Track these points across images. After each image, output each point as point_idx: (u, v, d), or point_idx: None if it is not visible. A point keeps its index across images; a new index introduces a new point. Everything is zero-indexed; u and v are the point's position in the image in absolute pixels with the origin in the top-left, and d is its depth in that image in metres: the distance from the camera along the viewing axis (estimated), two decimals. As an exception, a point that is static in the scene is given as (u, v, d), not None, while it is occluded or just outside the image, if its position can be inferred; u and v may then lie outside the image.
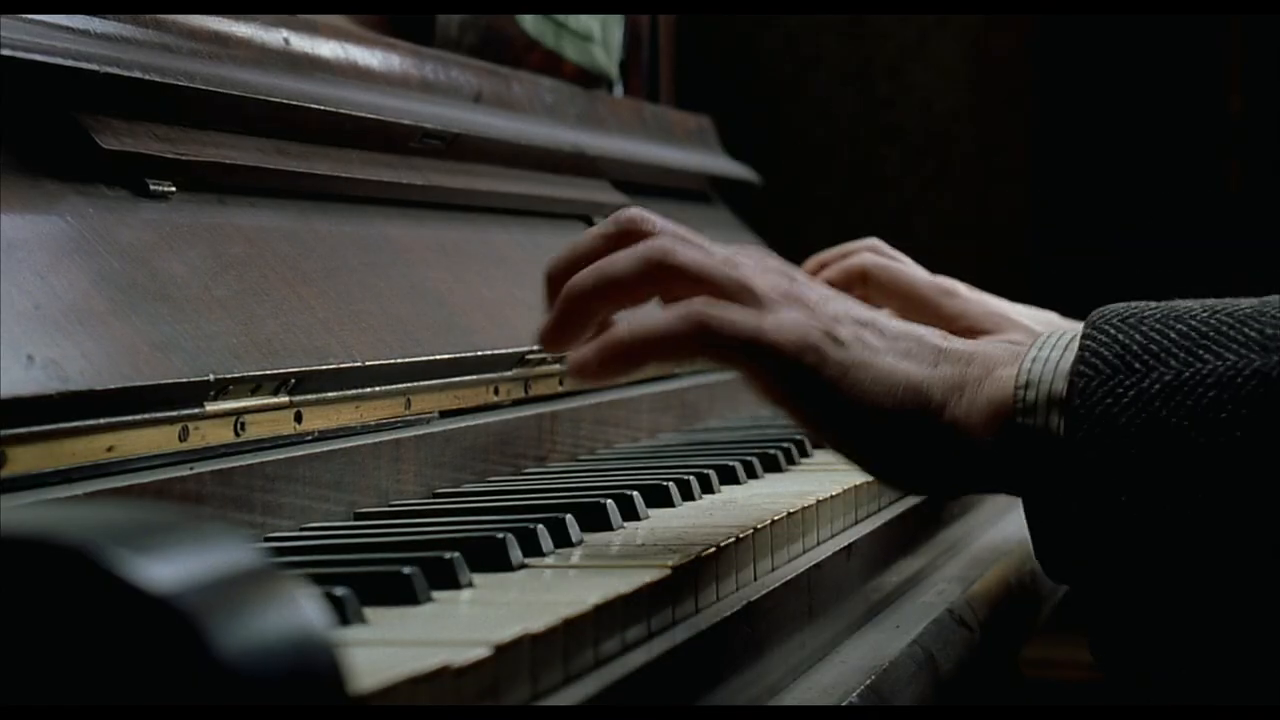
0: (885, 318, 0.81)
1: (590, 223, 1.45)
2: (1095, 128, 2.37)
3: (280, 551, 0.76)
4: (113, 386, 0.76)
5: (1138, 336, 0.75)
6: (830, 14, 2.45)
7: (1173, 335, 0.74)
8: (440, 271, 1.13)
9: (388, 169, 1.15)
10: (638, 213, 0.80)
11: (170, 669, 0.42)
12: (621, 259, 0.78)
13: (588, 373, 0.76)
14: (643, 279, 0.78)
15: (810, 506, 0.90)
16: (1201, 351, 0.73)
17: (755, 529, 0.82)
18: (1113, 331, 0.76)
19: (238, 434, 0.84)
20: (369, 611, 0.62)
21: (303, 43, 1.11)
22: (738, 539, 0.79)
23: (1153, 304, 0.77)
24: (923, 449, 0.78)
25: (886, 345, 0.78)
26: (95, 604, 0.42)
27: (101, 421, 0.75)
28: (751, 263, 0.79)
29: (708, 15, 2.42)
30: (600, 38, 1.62)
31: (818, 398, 0.76)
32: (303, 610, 0.44)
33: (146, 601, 0.42)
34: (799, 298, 0.78)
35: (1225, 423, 0.70)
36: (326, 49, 1.14)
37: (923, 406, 0.77)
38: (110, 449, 0.75)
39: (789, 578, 0.83)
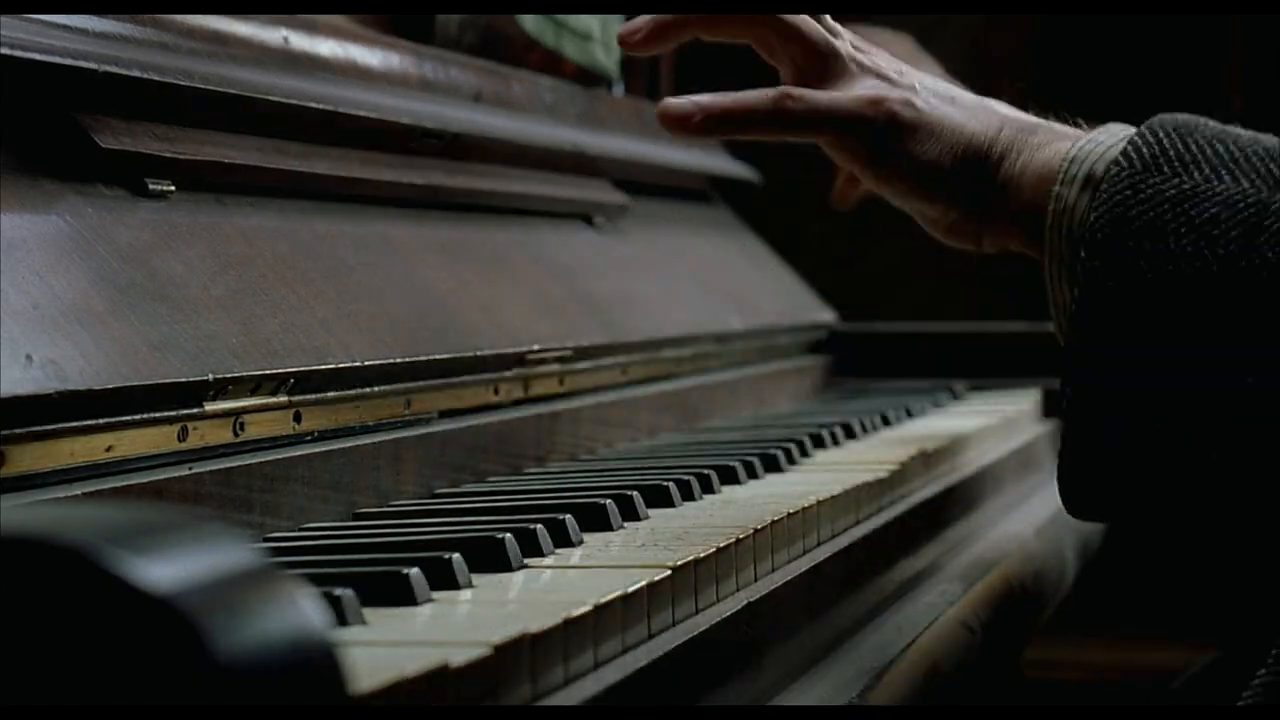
0: (963, 91, 0.91)
1: (590, 222, 1.45)
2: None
3: (279, 552, 0.76)
4: (111, 386, 0.76)
5: (1179, 145, 0.80)
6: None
7: (1208, 152, 0.79)
8: (440, 271, 1.12)
9: (387, 168, 1.14)
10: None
11: (169, 669, 0.42)
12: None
13: (687, 123, 0.89)
14: (744, 23, 0.92)
15: (811, 507, 0.90)
16: (1224, 172, 0.78)
17: (756, 529, 0.82)
18: (1160, 134, 0.81)
19: (237, 434, 0.84)
20: (368, 612, 0.62)
21: (302, 42, 1.11)
22: (738, 539, 0.79)
23: (1212, 122, 0.82)
24: (976, 200, 0.86)
25: (959, 109, 0.88)
26: (94, 604, 0.42)
27: (100, 421, 0.75)
28: (843, 29, 0.92)
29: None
30: (600, 37, 1.62)
31: (892, 152, 0.86)
32: (302, 611, 0.44)
33: (145, 602, 0.42)
34: (878, 69, 0.89)
35: (1215, 239, 0.76)
36: (326, 48, 1.14)
37: (982, 159, 0.86)
38: (109, 449, 0.75)
39: (790, 578, 0.83)
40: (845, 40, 0.91)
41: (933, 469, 1.19)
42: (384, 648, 0.56)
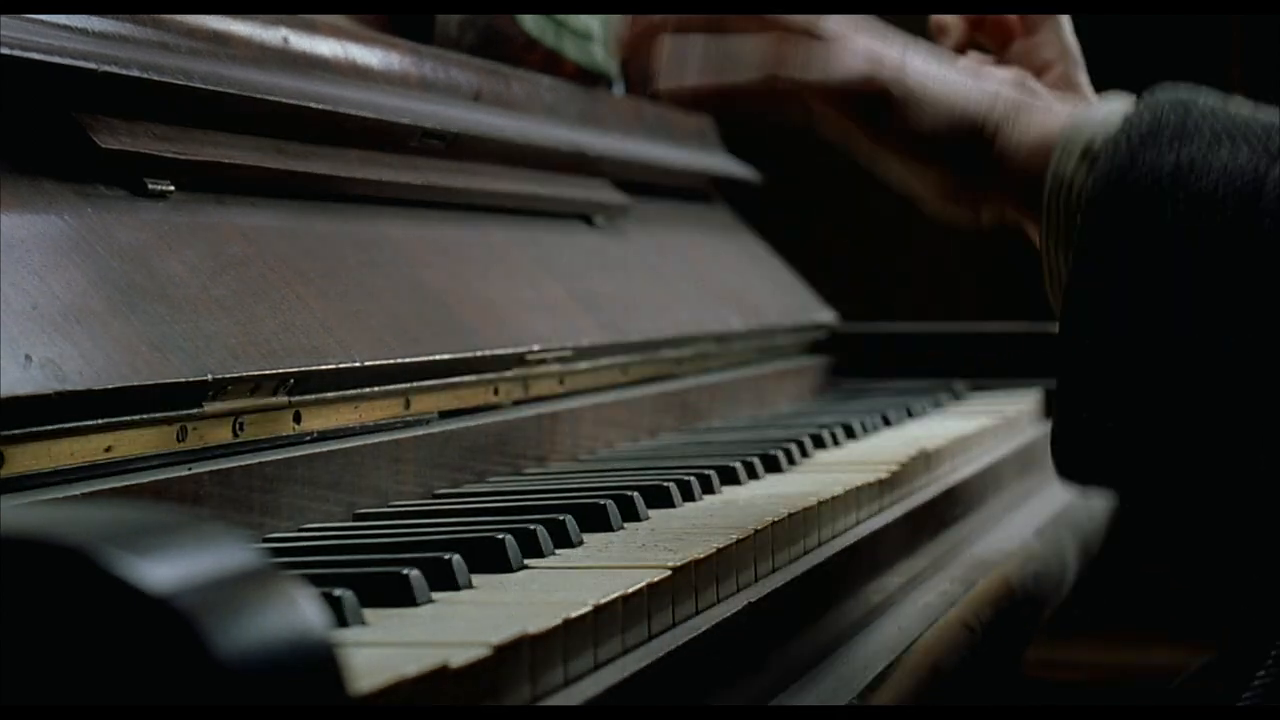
0: (959, 60, 0.91)
1: (590, 222, 1.45)
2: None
3: (279, 552, 0.76)
4: (111, 386, 0.76)
5: (1178, 117, 0.80)
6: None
7: (1207, 124, 0.79)
8: (440, 271, 1.12)
9: (387, 168, 1.14)
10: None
11: (169, 669, 0.42)
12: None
13: (681, 88, 0.86)
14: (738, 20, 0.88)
15: (811, 507, 0.90)
16: (1222, 144, 0.78)
17: (756, 530, 0.82)
18: (1160, 106, 0.81)
19: (236, 434, 0.84)
20: (368, 612, 0.62)
21: (302, 42, 1.11)
22: (738, 540, 0.79)
23: (1213, 95, 0.83)
24: (973, 169, 0.85)
25: (953, 78, 0.87)
26: (94, 604, 0.42)
27: (100, 422, 0.75)
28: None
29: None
30: (601, 37, 1.62)
31: (887, 123, 0.85)
32: (302, 611, 0.44)
33: (145, 602, 0.42)
34: (872, 43, 0.87)
35: (1212, 209, 0.76)
36: (326, 48, 1.14)
37: (979, 128, 0.85)
38: (108, 449, 0.75)
39: (790, 578, 0.83)
40: (833, 23, 0.89)
41: (933, 469, 1.19)
42: (384, 648, 0.56)
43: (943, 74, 0.87)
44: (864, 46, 0.86)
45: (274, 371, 0.87)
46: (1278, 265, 0.74)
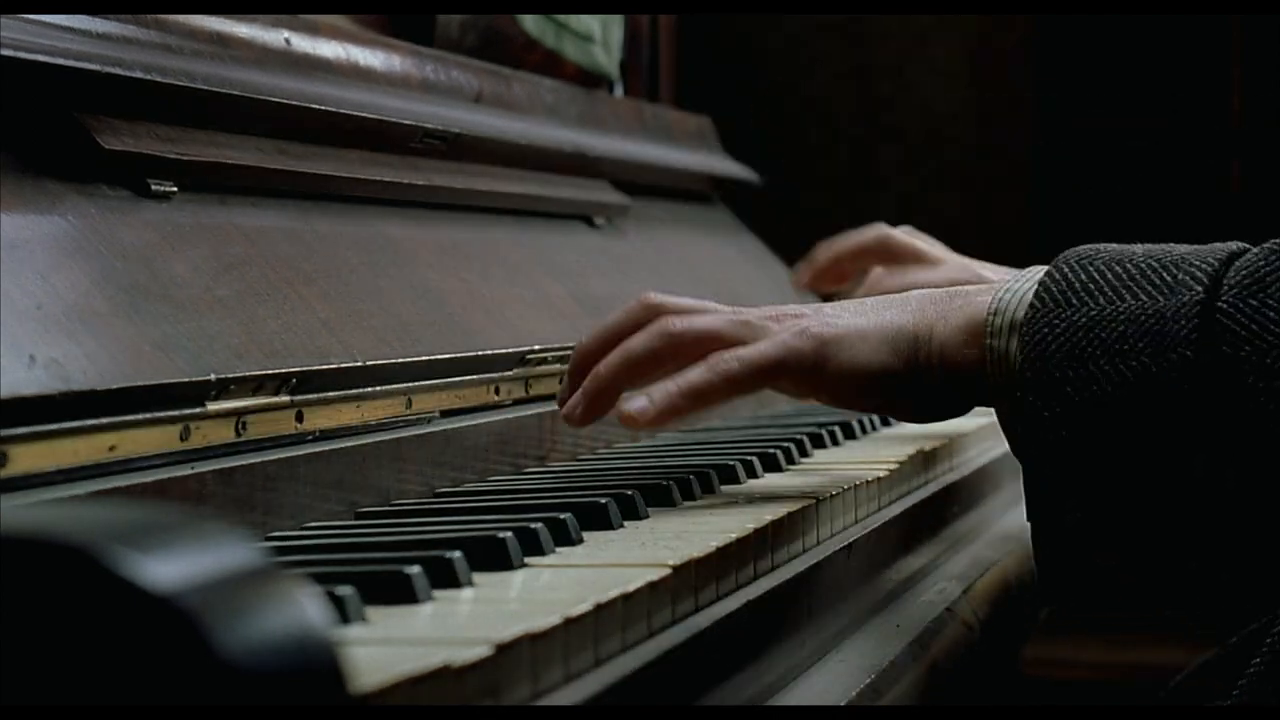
0: (879, 296, 0.96)
1: (590, 223, 1.45)
2: (1096, 128, 2.37)
3: (281, 551, 0.76)
4: (114, 386, 0.76)
5: (1082, 275, 0.85)
6: (830, 14, 2.45)
7: (1109, 275, 0.85)
8: (441, 271, 1.13)
9: (388, 169, 1.15)
10: (654, 296, 0.96)
11: (172, 668, 0.42)
12: (640, 338, 0.94)
13: (643, 422, 0.91)
14: (660, 351, 0.94)
15: (810, 506, 0.90)
16: (1124, 291, 0.84)
17: (756, 529, 0.82)
18: (1065, 269, 0.86)
19: (239, 434, 0.84)
20: (370, 610, 0.62)
21: (304, 43, 1.11)
22: (738, 539, 0.79)
23: (1114, 246, 0.88)
24: (919, 380, 0.91)
25: (870, 311, 0.94)
26: (97, 603, 0.42)
27: (103, 421, 0.75)
28: (751, 308, 0.96)
29: (708, 15, 2.42)
30: (600, 38, 1.62)
31: (827, 375, 0.92)
32: (304, 609, 0.45)
33: (149, 601, 0.42)
34: (787, 314, 0.95)
35: (1126, 354, 0.82)
36: (327, 49, 1.14)
37: (910, 342, 0.91)
38: (112, 448, 0.75)
39: (789, 577, 0.83)
40: (749, 312, 0.97)
41: (932, 468, 1.19)
42: (385, 646, 0.56)
43: (863, 310, 0.94)
44: (787, 317, 0.94)
45: (276, 371, 0.87)
46: (1196, 393, 0.80)
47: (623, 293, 1.36)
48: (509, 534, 0.73)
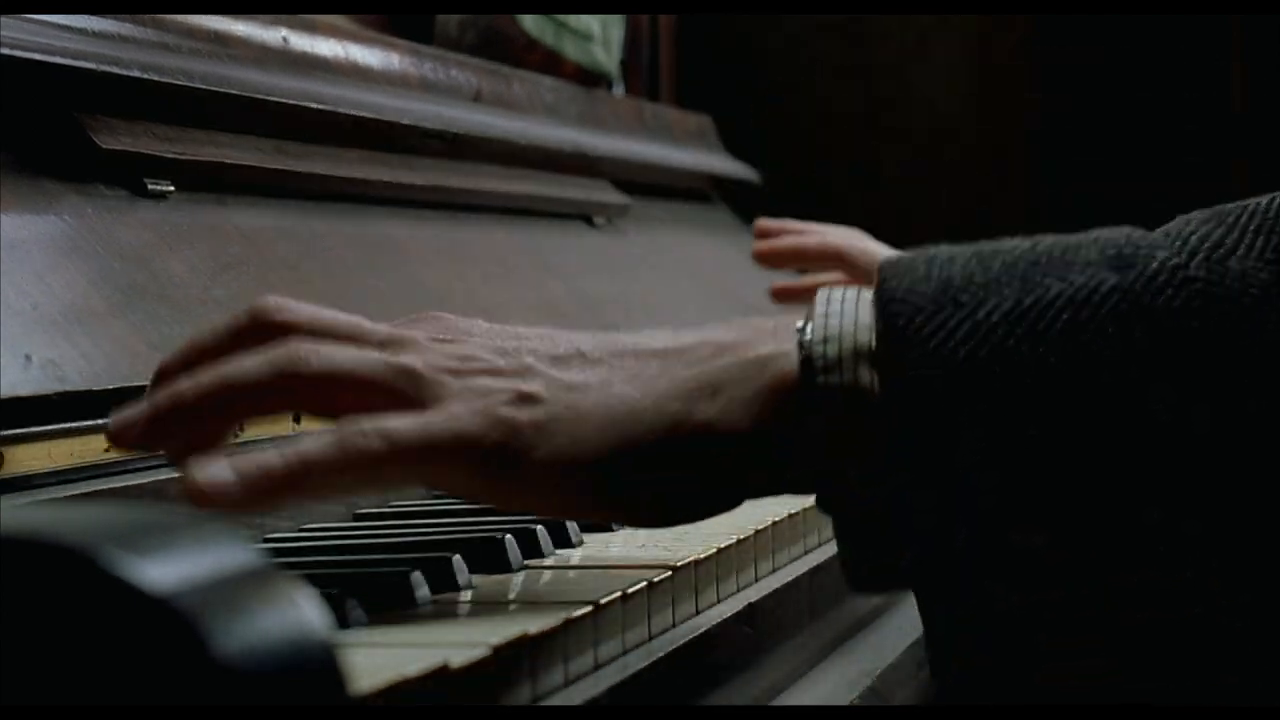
0: (603, 339, 0.69)
1: (590, 223, 1.45)
2: (1097, 128, 2.37)
3: (279, 552, 0.76)
4: (111, 387, 0.76)
5: (956, 271, 0.66)
6: (831, 14, 2.45)
7: (996, 267, 0.67)
8: (440, 271, 1.12)
9: (387, 169, 1.15)
10: (275, 302, 0.68)
11: (169, 669, 0.42)
12: (249, 363, 0.64)
13: (225, 500, 0.61)
14: (272, 388, 0.64)
15: (811, 507, 0.90)
16: (1040, 278, 0.66)
17: (756, 530, 0.82)
18: (923, 271, 0.67)
19: (236, 434, 0.84)
20: (369, 612, 0.62)
21: (302, 42, 1.11)
22: (738, 539, 0.79)
23: (946, 246, 0.69)
24: (676, 469, 0.66)
25: (600, 376, 0.66)
26: (94, 604, 0.42)
27: (100, 422, 0.75)
28: (420, 334, 0.67)
29: (708, 15, 2.42)
30: (600, 37, 1.62)
31: (528, 470, 0.63)
32: (302, 611, 0.44)
33: (145, 602, 0.42)
34: (476, 367, 0.65)
35: (1087, 342, 0.64)
36: (326, 48, 1.14)
37: (666, 424, 0.65)
38: (108, 449, 0.75)
39: (790, 578, 0.83)
40: (417, 349, 0.66)
41: (933, 469, 1.19)
42: (384, 648, 0.56)
43: (588, 386, 0.66)
44: (472, 372, 0.65)
45: (274, 371, 0.87)
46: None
47: (623, 293, 1.35)
48: (508, 536, 0.73)
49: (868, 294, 0.67)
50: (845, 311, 0.66)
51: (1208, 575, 0.62)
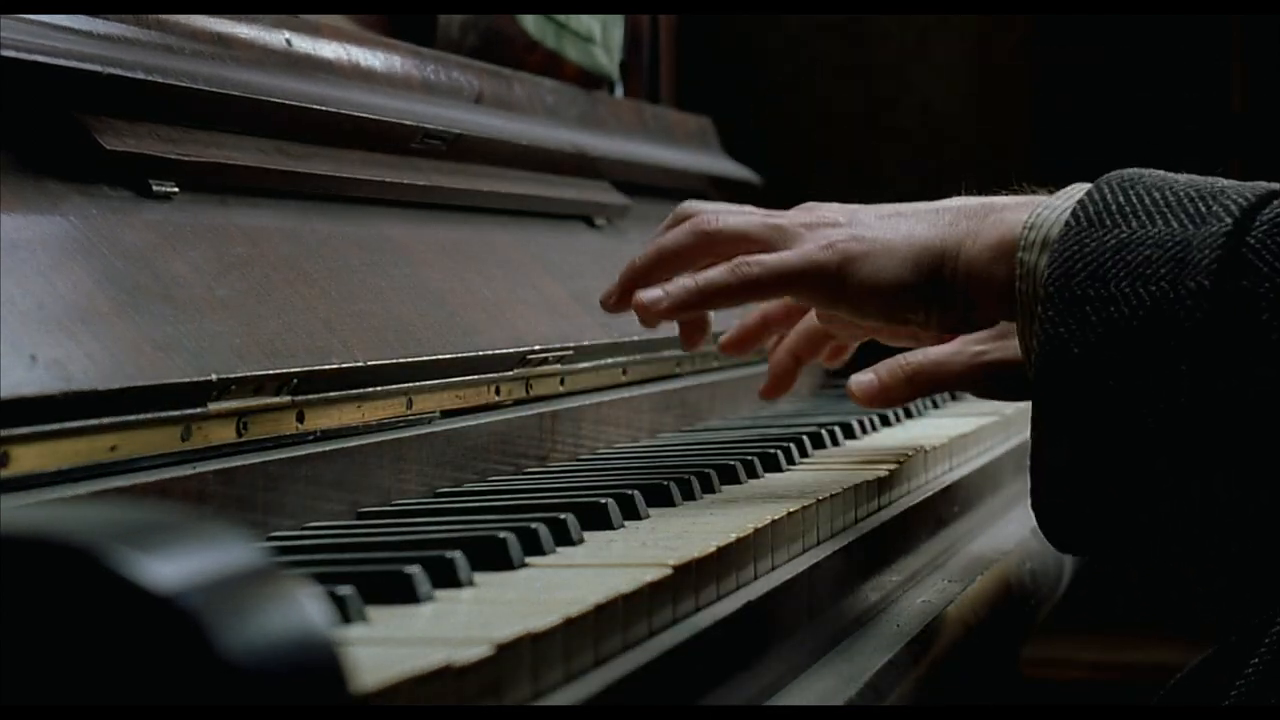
0: (912, 205, 0.96)
1: (591, 223, 1.45)
2: (1096, 128, 2.37)
3: (283, 550, 0.76)
4: (116, 386, 0.76)
5: (1120, 197, 0.85)
6: (830, 14, 2.45)
7: (1146, 200, 0.84)
8: (441, 271, 1.13)
9: (389, 169, 1.15)
10: (692, 203, 1.00)
11: (174, 668, 0.42)
12: (674, 234, 0.97)
13: (657, 309, 0.94)
14: (693, 248, 0.96)
15: (810, 506, 0.91)
16: (1157, 217, 0.83)
17: (756, 528, 0.82)
18: (1106, 190, 0.86)
19: (240, 434, 0.84)
20: (371, 610, 0.62)
21: (304, 44, 1.11)
22: (738, 538, 0.79)
23: (1158, 172, 0.87)
24: (940, 295, 0.91)
25: (905, 221, 0.93)
26: (99, 603, 0.43)
27: (104, 421, 0.75)
28: (788, 211, 0.97)
29: (708, 15, 2.42)
30: (601, 38, 1.63)
31: (848, 289, 0.92)
32: (305, 609, 0.45)
33: (150, 601, 0.42)
34: (823, 221, 0.95)
35: (1147, 278, 0.81)
36: (328, 50, 1.14)
37: (939, 256, 0.91)
38: (113, 449, 0.75)
39: (789, 577, 0.83)
40: (784, 215, 0.97)
41: (931, 468, 1.19)
42: (386, 646, 0.56)
43: (894, 221, 0.94)
44: (818, 226, 0.94)
45: (277, 371, 0.88)
46: (1208, 322, 0.79)
47: (623, 293, 1.36)
48: (509, 534, 0.74)
49: (1081, 190, 0.88)
50: (1057, 206, 0.87)
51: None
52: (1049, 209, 0.88)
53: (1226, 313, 0.78)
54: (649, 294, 0.94)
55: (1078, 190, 0.88)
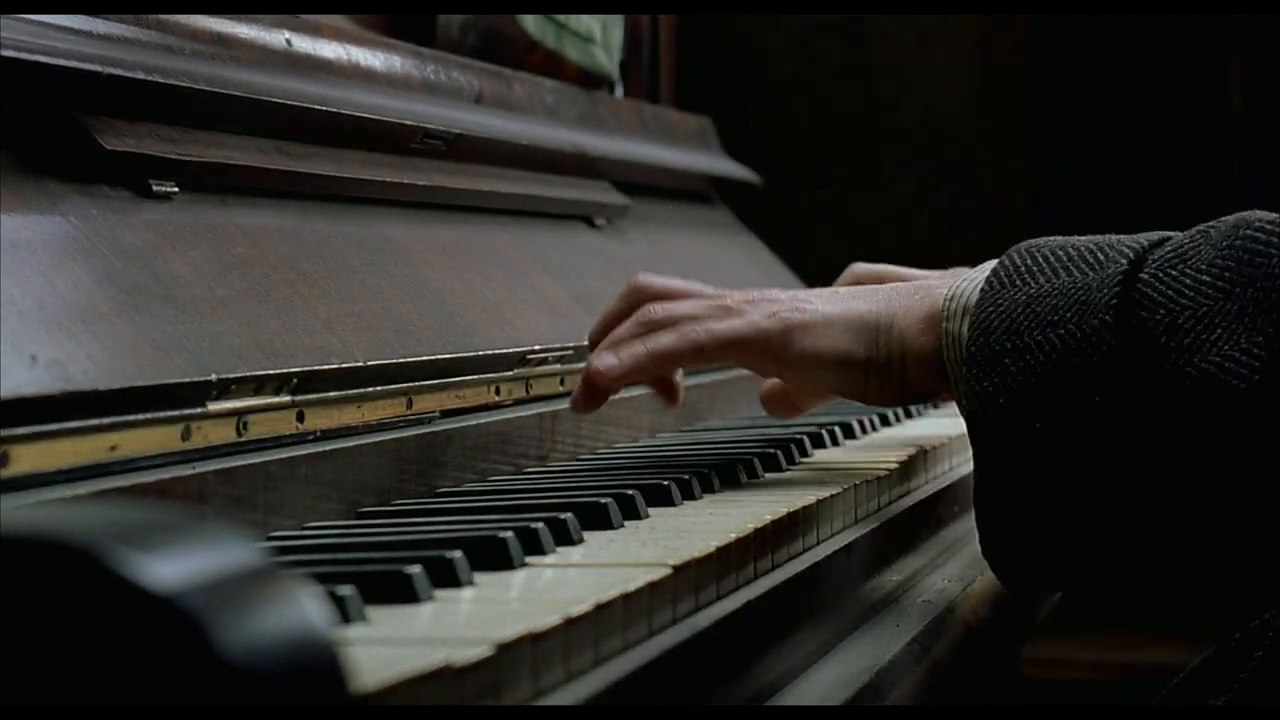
0: (855, 287, 1.03)
1: (591, 223, 1.45)
2: (1096, 128, 2.37)
3: (282, 550, 0.76)
4: (116, 386, 0.76)
5: (1029, 259, 0.91)
6: (830, 14, 2.45)
7: (1051, 259, 0.91)
8: (441, 271, 1.13)
9: (389, 169, 1.15)
10: (641, 279, 1.05)
11: (174, 668, 0.42)
12: (624, 329, 1.02)
13: (609, 378, 1.00)
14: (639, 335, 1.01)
15: (810, 505, 0.91)
16: (1061, 270, 0.90)
17: (756, 528, 0.82)
18: (1015, 256, 0.92)
19: (240, 433, 0.84)
20: (371, 610, 0.62)
21: (305, 44, 1.11)
22: (738, 538, 0.79)
23: (1061, 237, 0.93)
24: (877, 366, 0.98)
25: (841, 300, 1.00)
26: (99, 603, 0.43)
27: (104, 421, 0.75)
28: (734, 292, 1.03)
29: (708, 15, 2.42)
30: (601, 38, 1.63)
31: (790, 356, 0.99)
32: (305, 609, 0.45)
33: (150, 601, 0.42)
34: (767, 297, 1.02)
35: (1056, 324, 0.87)
36: (328, 50, 1.14)
37: (874, 328, 0.98)
38: (113, 448, 0.76)
39: (789, 576, 0.83)
40: (730, 295, 1.03)
41: (932, 468, 1.19)
42: (386, 646, 0.57)
43: (835, 298, 1.01)
44: (764, 301, 1.01)
45: (277, 371, 0.88)
46: (1113, 355, 0.85)
47: (623, 293, 1.36)
48: (510, 534, 0.74)
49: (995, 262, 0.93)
50: (974, 278, 0.94)
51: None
52: (967, 280, 0.95)
53: (1128, 344, 0.85)
54: (604, 361, 1.00)
55: (993, 262, 0.94)
